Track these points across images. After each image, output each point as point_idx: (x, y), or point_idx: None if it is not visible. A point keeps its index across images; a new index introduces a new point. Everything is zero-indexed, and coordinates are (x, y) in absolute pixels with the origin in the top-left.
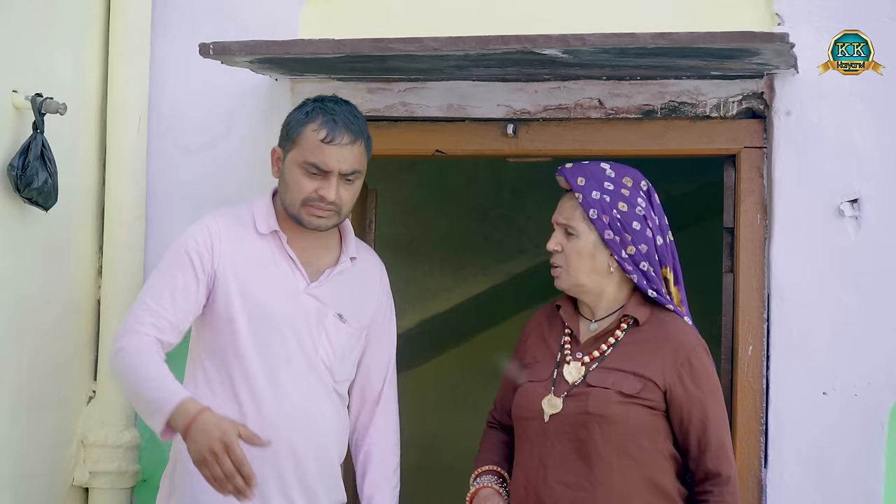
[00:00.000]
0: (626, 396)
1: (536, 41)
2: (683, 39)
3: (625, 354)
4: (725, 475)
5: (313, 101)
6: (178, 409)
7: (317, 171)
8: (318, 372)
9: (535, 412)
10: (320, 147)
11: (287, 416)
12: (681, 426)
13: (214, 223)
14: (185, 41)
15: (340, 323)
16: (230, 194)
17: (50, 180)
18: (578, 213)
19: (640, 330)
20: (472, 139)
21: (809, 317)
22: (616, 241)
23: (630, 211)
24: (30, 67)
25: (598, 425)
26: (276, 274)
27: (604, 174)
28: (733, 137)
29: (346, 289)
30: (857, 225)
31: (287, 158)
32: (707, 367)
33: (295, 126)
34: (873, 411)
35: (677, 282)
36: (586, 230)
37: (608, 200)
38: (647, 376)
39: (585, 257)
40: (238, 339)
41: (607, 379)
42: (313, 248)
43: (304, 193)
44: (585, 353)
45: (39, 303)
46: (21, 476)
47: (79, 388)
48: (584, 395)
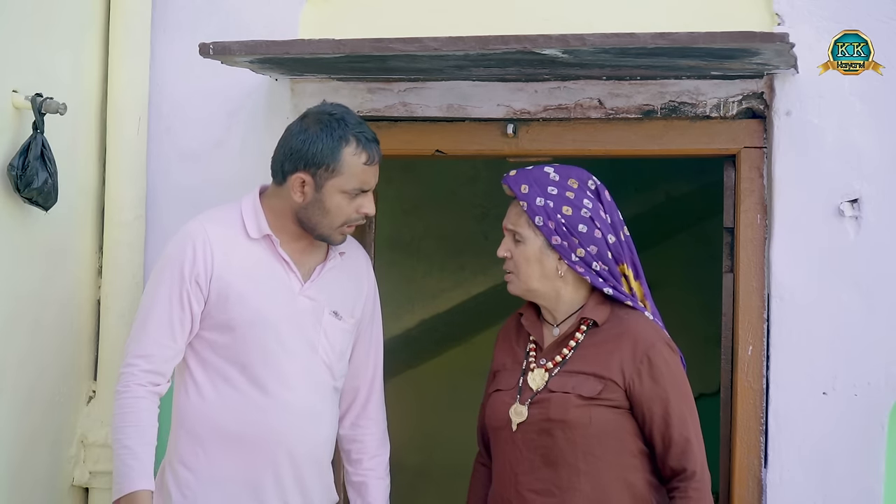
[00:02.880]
0: (585, 399)
1: (536, 41)
2: (683, 39)
3: (585, 357)
4: (690, 470)
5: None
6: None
7: (360, 192)
8: (318, 372)
9: (503, 421)
10: (364, 170)
11: (288, 419)
12: (644, 423)
13: (202, 232)
14: (185, 41)
15: (336, 320)
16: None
17: (50, 180)
18: (524, 220)
19: (599, 330)
20: (472, 139)
21: (809, 317)
22: (564, 246)
23: (575, 214)
24: (30, 67)
25: (561, 430)
26: (271, 278)
27: (547, 178)
28: (733, 137)
29: (338, 284)
30: (856, 225)
31: (326, 186)
32: (668, 361)
33: (330, 153)
34: (873, 411)
35: (638, 276)
36: (532, 236)
37: (552, 206)
38: (606, 376)
39: (533, 262)
40: (237, 345)
41: (567, 383)
42: (304, 248)
43: (345, 216)
44: (548, 358)
45: (39, 303)
46: (21, 476)
47: (79, 388)
48: (546, 401)
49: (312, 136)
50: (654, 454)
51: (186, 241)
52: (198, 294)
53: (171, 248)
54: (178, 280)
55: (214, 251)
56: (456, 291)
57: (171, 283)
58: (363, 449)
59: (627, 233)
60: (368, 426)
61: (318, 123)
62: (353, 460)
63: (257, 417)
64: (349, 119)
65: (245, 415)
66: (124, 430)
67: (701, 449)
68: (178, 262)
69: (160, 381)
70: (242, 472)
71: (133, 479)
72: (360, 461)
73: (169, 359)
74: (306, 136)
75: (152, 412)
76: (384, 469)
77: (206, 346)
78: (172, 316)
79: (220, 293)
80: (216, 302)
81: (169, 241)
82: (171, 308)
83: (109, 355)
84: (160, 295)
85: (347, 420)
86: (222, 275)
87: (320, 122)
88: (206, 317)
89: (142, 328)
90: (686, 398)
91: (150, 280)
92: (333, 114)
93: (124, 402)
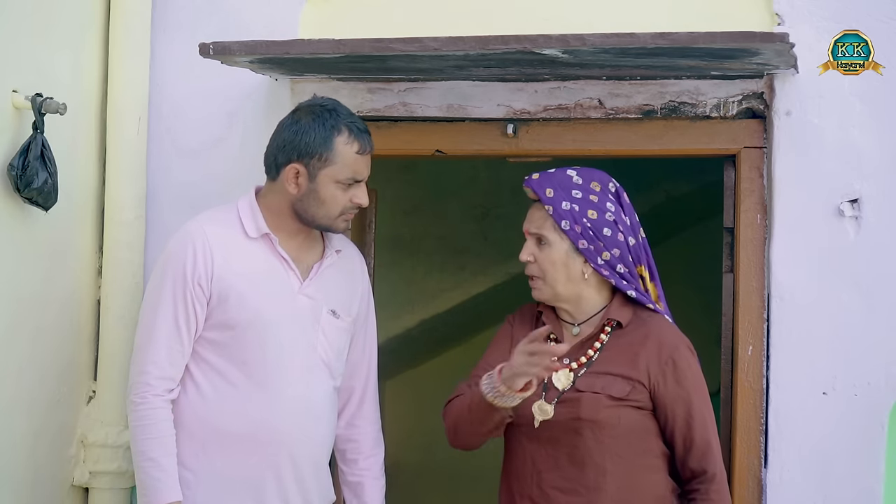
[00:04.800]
0: (615, 400)
1: (536, 41)
2: (683, 39)
3: (611, 358)
4: (711, 473)
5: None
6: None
7: (353, 182)
8: (317, 371)
9: (525, 418)
10: (356, 159)
11: (287, 418)
12: (666, 425)
13: (201, 233)
14: (185, 41)
15: (334, 319)
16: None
17: (50, 180)
18: (549, 224)
19: (623, 332)
20: (472, 139)
21: (809, 317)
22: (590, 250)
23: (600, 217)
24: (30, 67)
25: (591, 430)
26: (270, 277)
27: (571, 182)
28: (733, 137)
29: (335, 283)
30: (856, 225)
31: (319, 176)
32: (691, 365)
33: (321, 142)
34: (873, 411)
35: (653, 278)
36: (558, 240)
37: (577, 209)
38: (633, 378)
39: (560, 266)
40: (236, 345)
41: (596, 383)
42: (301, 246)
43: (341, 206)
44: (573, 358)
45: (40, 302)
46: (21, 476)
47: (79, 388)
48: (575, 400)
49: (304, 127)
50: (673, 456)
51: (186, 243)
52: (200, 296)
53: (171, 249)
54: (180, 283)
55: (214, 252)
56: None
57: (173, 285)
58: (358, 449)
59: (643, 234)
60: (364, 426)
61: (309, 115)
62: (349, 460)
63: (256, 416)
64: (340, 110)
65: (244, 414)
66: (146, 442)
67: (720, 452)
68: (179, 264)
69: (173, 387)
70: (242, 471)
71: (162, 491)
72: (355, 461)
73: (179, 363)
74: (298, 126)
75: (170, 421)
76: (379, 469)
77: (205, 345)
78: (178, 319)
79: (220, 294)
80: (217, 303)
81: (168, 243)
82: (177, 311)
83: (109, 355)
84: (164, 299)
85: (343, 420)
86: (223, 276)
87: (312, 112)
88: (206, 317)
89: (148, 335)
90: (707, 401)
91: (151, 283)
92: (325, 105)
93: (143, 413)
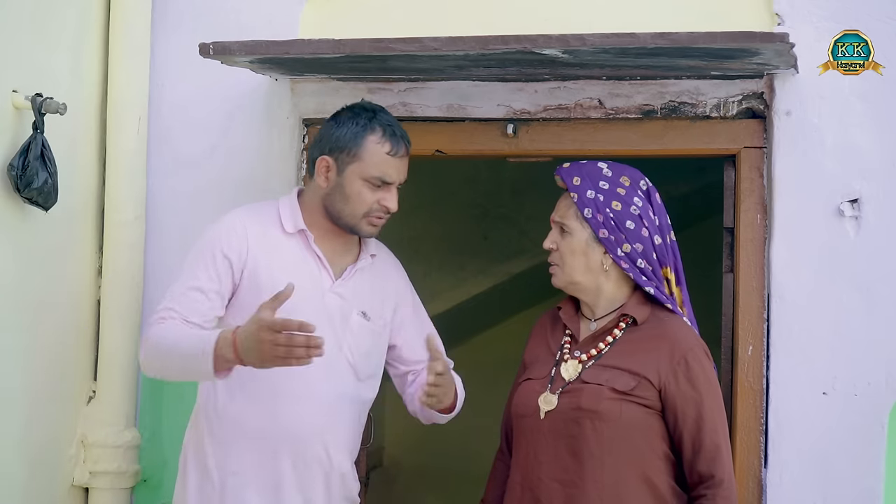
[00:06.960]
0: (618, 393)
1: (536, 41)
2: (683, 39)
3: (622, 352)
4: (719, 478)
5: (358, 110)
6: (220, 342)
7: (381, 183)
8: (342, 370)
9: (531, 409)
10: (386, 160)
11: (313, 414)
12: (675, 426)
13: (240, 222)
14: (185, 41)
15: (364, 321)
16: (230, 194)
17: (50, 180)
18: (573, 212)
19: (638, 329)
20: (472, 139)
21: (809, 317)
22: (611, 240)
23: (624, 210)
24: (30, 67)
25: (590, 421)
26: (303, 273)
27: (600, 173)
28: (733, 137)
29: (368, 286)
30: (856, 225)
31: (347, 171)
32: (705, 367)
33: (353, 138)
34: (873, 411)
35: (679, 282)
36: (579, 228)
37: (602, 199)
38: (642, 374)
39: (579, 255)
40: None
41: (601, 376)
42: (337, 248)
43: (367, 206)
44: (583, 351)
45: (39, 303)
46: (21, 476)
47: (79, 388)
48: (578, 391)
49: (340, 123)
50: (679, 461)
51: (222, 228)
52: (227, 269)
53: (208, 233)
54: (209, 253)
55: (250, 241)
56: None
57: (201, 259)
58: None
59: (674, 237)
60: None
61: (349, 112)
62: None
63: (278, 414)
64: (381, 113)
65: (266, 411)
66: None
67: (730, 458)
68: (213, 242)
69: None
70: (264, 469)
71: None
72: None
73: (198, 311)
74: (336, 122)
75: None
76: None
77: None
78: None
79: (251, 282)
80: (248, 289)
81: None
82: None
83: (109, 355)
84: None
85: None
86: (255, 267)
87: (352, 111)
88: (236, 306)
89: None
90: (719, 407)
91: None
92: (366, 107)
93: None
